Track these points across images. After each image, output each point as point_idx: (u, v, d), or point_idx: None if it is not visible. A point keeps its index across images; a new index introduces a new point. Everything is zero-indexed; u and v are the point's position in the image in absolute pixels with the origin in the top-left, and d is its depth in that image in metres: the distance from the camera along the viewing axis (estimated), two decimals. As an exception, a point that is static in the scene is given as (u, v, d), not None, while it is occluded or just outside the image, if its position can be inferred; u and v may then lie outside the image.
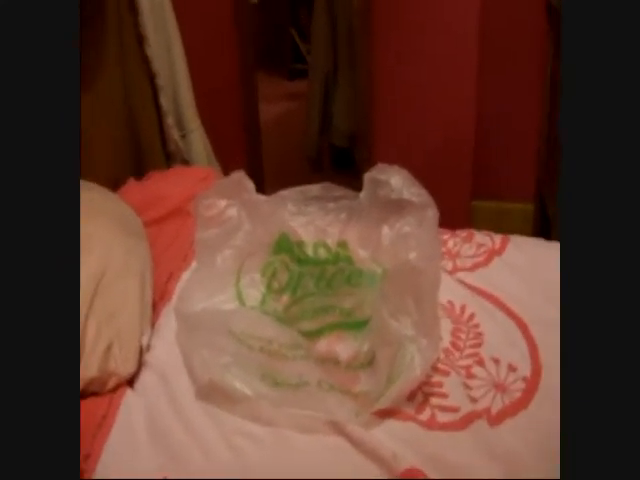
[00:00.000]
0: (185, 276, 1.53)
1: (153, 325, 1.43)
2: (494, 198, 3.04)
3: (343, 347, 1.30)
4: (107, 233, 1.47)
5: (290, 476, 1.12)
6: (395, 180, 1.48)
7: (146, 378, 1.33)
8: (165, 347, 1.37)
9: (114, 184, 1.86)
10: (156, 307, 1.48)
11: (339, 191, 1.54)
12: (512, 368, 1.32)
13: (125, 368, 1.30)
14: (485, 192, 3.00)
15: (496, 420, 1.21)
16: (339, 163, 3.39)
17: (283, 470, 1.13)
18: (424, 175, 2.82)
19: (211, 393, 1.24)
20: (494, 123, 2.90)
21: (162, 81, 2.01)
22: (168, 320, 1.42)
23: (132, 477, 1.14)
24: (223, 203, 1.44)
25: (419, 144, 2.79)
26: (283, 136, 3.57)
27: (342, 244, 1.50)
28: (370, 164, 2.85)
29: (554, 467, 1.12)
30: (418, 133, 2.79)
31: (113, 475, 1.14)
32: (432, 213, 1.46)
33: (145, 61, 1.95)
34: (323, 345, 1.31)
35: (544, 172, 2.96)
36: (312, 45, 3.31)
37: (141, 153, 2.01)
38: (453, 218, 2.08)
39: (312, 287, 1.41)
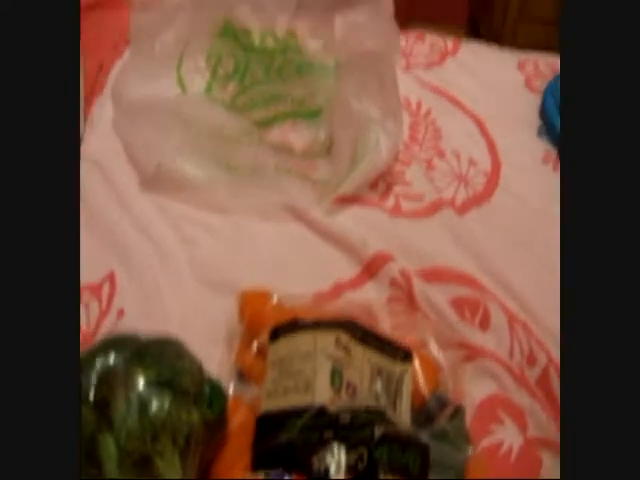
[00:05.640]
0: (117, 66, 1.39)
1: (86, 118, 1.30)
2: (426, 21, 2.94)
3: (297, 136, 1.21)
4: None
5: (251, 267, 1.05)
6: (349, -34, 1.36)
7: (82, 172, 1.20)
8: (101, 138, 1.25)
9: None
10: (87, 99, 1.34)
11: (288, -23, 1.41)
12: (472, 162, 1.27)
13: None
14: (417, 15, 2.90)
15: (462, 209, 1.16)
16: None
17: (243, 261, 1.06)
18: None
19: (158, 181, 1.13)
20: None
21: None
22: (102, 111, 1.30)
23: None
24: (161, -18, 1.30)
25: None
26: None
27: (291, 33, 1.38)
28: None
29: (517, 253, 1.11)
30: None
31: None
32: (387, 3, 1.36)
33: None
34: (276, 134, 1.22)
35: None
36: None
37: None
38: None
39: (261, 75, 1.30)
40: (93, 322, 1.00)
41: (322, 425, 0.77)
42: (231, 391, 0.86)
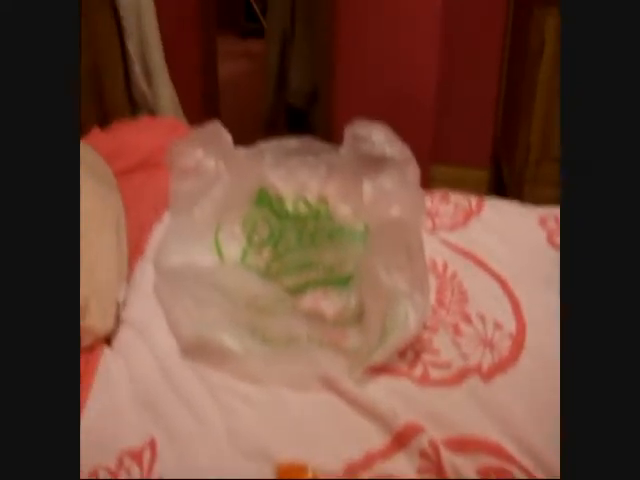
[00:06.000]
0: (157, 229, 1.47)
1: (128, 280, 1.37)
2: (450, 164, 3.04)
3: (328, 303, 1.27)
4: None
5: (285, 437, 1.08)
6: (377, 136, 1.46)
7: (124, 335, 1.27)
8: (142, 303, 1.31)
9: (76, 132, 1.78)
10: (129, 261, 1.42)
11: (318, 145, 1.51)
12: (498, 325, 1.31)
13: (103, 324, 1.24)
14: (441, 158, 3.00)
15: (488, 376, 1.19)
16: (294, 126, 3.34)
17: (277, 430, 1.09)
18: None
19: (197, 350, 1.19)
20: (453, 88, 2.90)
21: (129, 25, 1.89)
22: (143, 274, 1.37)
23: (116, 443, 1.08)
24: (200, 153, 1.40)
25: (379, 106, 2.76)
26: (237, 96, 3.49)
27: (322, 199, 1.46)
28: (327, 126, 2.81)
29: (542, 418, 1.13)
30: (378, 95, 2.76)
31: (94, 443, 1.08)
32: (414, 169, 1.45)
33: (111, 5, 1.84)
34: (308, 301, 1.28)
35: (501, 138, 2.98)
36: (269, 1, 3.25)
37: (105, 101, 1.91)
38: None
39: (294, 242, 1.37)
40: (135, 488, 1.04)
41: None
42: None
